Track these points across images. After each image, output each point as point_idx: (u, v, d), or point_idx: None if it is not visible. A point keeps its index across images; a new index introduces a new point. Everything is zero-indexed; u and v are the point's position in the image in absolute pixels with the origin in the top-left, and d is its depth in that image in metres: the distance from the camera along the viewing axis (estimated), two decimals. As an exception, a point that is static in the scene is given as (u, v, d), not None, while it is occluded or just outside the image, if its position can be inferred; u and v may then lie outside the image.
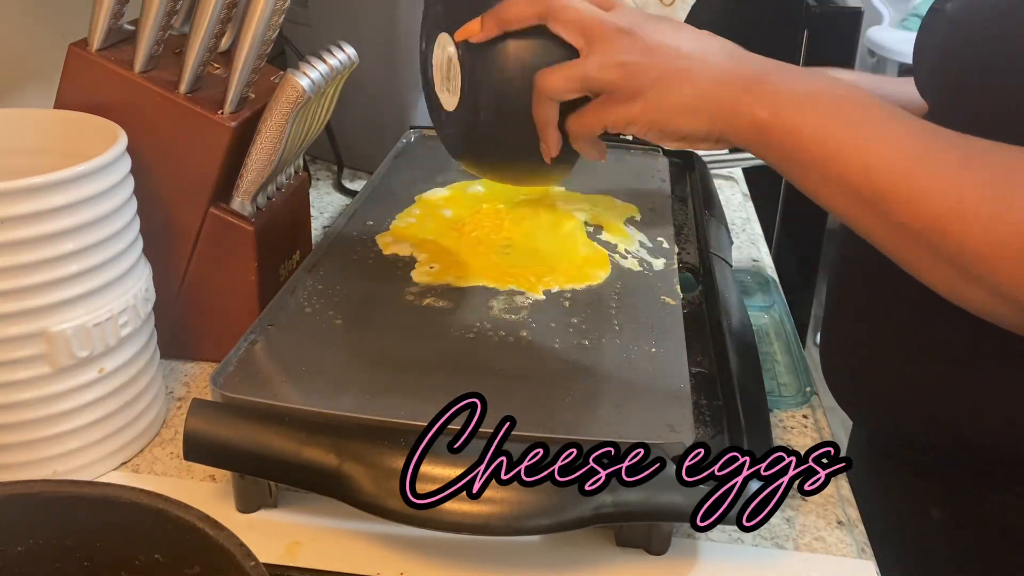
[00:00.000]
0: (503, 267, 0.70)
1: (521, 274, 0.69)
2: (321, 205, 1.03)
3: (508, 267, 0.70)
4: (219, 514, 0.39)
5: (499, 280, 0.68)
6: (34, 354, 0.53)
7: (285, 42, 1.07)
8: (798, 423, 0.67)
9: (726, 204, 0.96)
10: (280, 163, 0.67)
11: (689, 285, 0.73)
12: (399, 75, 1.04)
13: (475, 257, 0.71)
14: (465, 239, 0.74)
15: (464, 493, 0.49)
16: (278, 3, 0.62)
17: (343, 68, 0.69)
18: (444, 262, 0.70)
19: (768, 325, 0.79)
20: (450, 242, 0.73)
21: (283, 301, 0.65)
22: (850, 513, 0.59)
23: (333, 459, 0.51)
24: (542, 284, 0.68)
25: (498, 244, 0.73)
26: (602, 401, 0.56)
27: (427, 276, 0.69)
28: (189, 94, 0.64)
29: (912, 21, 3.39)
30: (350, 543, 0.54)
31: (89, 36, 0.64)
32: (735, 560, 0.54)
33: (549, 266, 0.70)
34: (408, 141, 0.99)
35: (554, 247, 0.73)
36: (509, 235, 0.74)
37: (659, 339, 0.62)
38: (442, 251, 0.72)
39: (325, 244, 0.73)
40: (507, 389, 0.57)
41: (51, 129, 0.61)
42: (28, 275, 0.52)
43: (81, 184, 0.53)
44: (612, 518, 0.50)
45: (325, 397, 0.55)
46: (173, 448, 0.63)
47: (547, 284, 0.68)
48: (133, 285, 0.58)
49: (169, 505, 0.39)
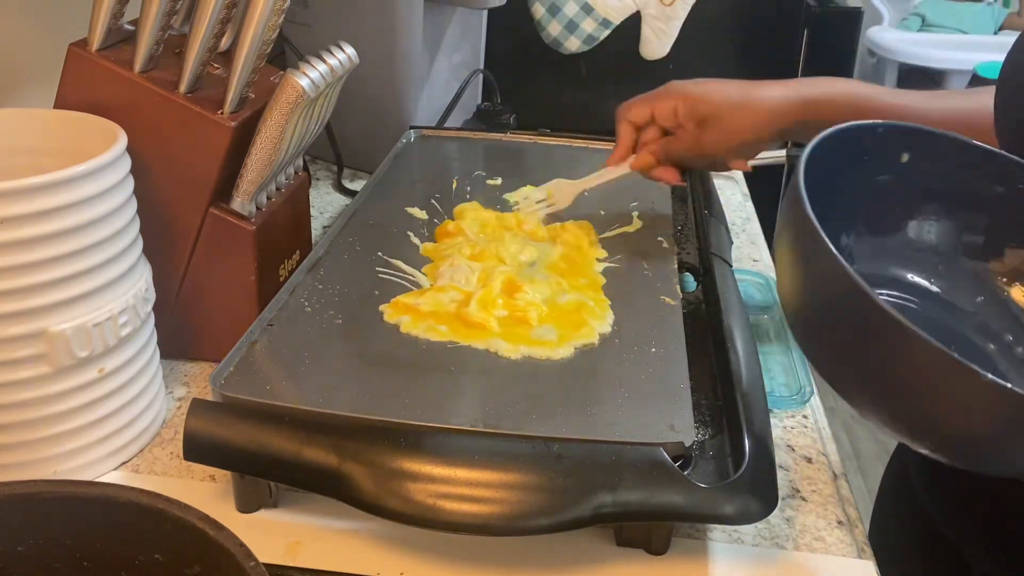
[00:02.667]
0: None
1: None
2: (321, 205, 1.03)
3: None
4: (219, 514, 0.39)
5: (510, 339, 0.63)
6: (34, 354, 0.53)
7: (285, 42, 1.07)
8: (798, 423, 0.67)
9: (726, 204, 0.96)
10: (280, 163, 0.67)
11: (689, 285, 0.74)
12: (399, 75, 1.04)
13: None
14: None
15: (464, 493, 0.49)
16: (278, 3, 0.62)
17: (343, 68, 0.69)
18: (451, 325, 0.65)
19: (768, 325, 0.79)
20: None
21: (283, 301, 0.65)
22: (850, 513, 0.58)
23: (333, 459, 0.51)
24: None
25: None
26: (602, 401, 0.56)
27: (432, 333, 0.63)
28: (189, 94, 0.64)
29: (912, 21, 3.39)
30: (350, 543, 0.54)
31: (89, 36, 0.64)
32: (735, 560, 0.54)
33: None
34: (408, 141, 0.99)
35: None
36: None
37: (659, 339, 0.62)
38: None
39: (325, 244, 0.73)
40: (507, 389, 0.57)
41: (51, 129, 0.61)
42: (28, 275, 0.52)
43: (81, 184, 0.53)
44: (612, 518, 0.50)
45: (325, 397, 0.55)
46: (173, 448, 0.63)
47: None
48: (133, 285, 0.58)
49: (169, 505, 0.39)
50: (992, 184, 0.56)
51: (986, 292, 0.58)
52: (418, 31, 1.02)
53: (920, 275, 0.60)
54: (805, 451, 0.64)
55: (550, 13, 1.50)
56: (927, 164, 0.57)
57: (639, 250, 0.75)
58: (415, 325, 0.63)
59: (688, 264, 0.75)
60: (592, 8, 1.50)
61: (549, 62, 1.48)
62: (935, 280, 0.60)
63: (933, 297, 0.59)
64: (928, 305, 0.59)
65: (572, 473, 0.50)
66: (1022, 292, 0.58)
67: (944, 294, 0.59)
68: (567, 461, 0.50)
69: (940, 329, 0.58)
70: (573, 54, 1.51)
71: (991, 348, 0.57)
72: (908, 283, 0.60)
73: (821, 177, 0.50)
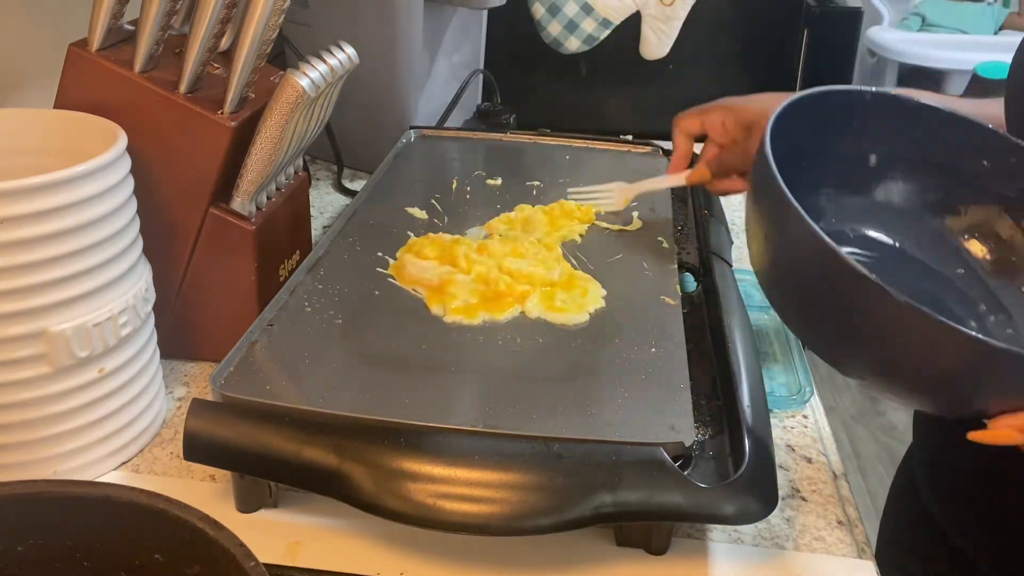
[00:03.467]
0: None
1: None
2: (321, 205, 1.03)
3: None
4: (219, 514, 0.39)
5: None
6: (34, 354, 0.53)
7: (285, 42, 1.07)
8: (798, 423, 0.67)
9: (726, 204, 0.95)
10: (280, 163, 0.67)
11: (689, 285, 0.74)
12: (399, 75, 1.04)
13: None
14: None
15: (464, 493, 0.49)
16: (278, 3, 0.62)
17: (343, 68, 0.69)
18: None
19: (768, 325, 0.79)
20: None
21: (283, 301, 0.65)
22: (850, 513, 0.59)
23: (333, 459, 0.51)
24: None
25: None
26: (602, 401, 0.56)
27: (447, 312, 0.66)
28: (189, 94, 0.64)
29: (913, 20, 3.39)
30: (350, 543, 0.54)
31: (89, 36, 0.64)
32: (735, 560, 0.54)
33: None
34: (408, 141, 0.99)
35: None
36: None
37: (659, 339, 0.62)
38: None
39: (325, 244, 0.73)
40: (508, 389, 0.57)
41: (51, 129, 0.61)
42: (28, 275, 0.52)
43: (81, 184, 0.53)
44: (612, 518, 0.50)
45: (325, 397, 0.55)
46: (173, 448, 0.63)
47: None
48: (133, 285, 0.58)
49: (169, 505, 0.39)
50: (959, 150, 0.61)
51: (950, 250, 0.62)
52: (418, 31, 1.02)
53: (884, 232, 0.64)
54: (805, 451, 0.64)
55: (550, 13, 1.50)
56: (891, 129, 0.61)
57: (639, 250, 0.75)
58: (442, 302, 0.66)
59: (688, 264, 0.75)
60: (592, 8, 1.50)
61: (549, 62, 1.48)
62: (898, 237, 0.64)
63: (898, 253, 0.64)
64: (895, 262, 0.63)
65: (572, 473, 0.50)
66: (978, 245, 0.62)
67: (909, 251, 0.63)
68: (567, 461, 0.50)
69: (901, 278, 0.62)
70: (573, 54, 1.51)
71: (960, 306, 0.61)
72: (873, 239, 0.64)
73: (792, 140, 0.53)
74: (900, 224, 0.64)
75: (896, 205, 0.64)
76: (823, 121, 0.59)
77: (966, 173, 0.61)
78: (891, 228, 0.64)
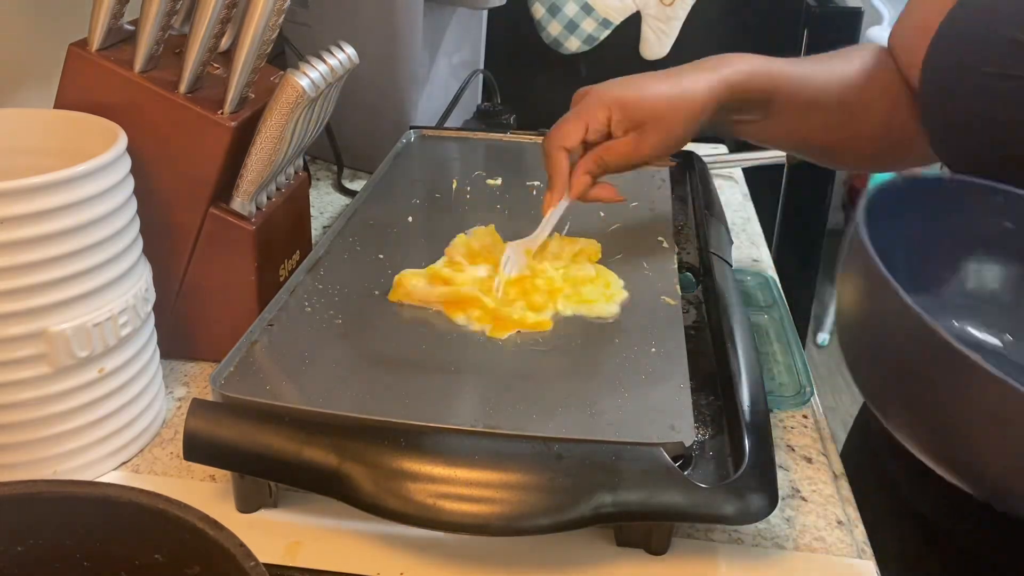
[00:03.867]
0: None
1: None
2: (321, 205, 1.03)
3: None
4: (219, 514, 0.39)
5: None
6: (34, 354, 0.53)
7: (285, 42, 1.07)
8: (798, 423, 0.67)
9: (726, 204, 0.96)
10: (280, 163, 0.67)
11: (689, 285, 0.73)
12: (399, 75, 1.04)
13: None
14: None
15: (464, 493, 0.49)
16: (278, 3, 0.62)
17: (343, 68, 0.69)
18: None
19: (768, 325, 0.79)
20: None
21: (283, 301, 0.65)
22: (850, 513, 0.59)
23: (333, 459, 0.51)
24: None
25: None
26: (602, 401, 0.56)
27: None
28: (189, 94, 0.64)
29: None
30: (350, 543, 0.54)
31: (89, 36, 0.64)
32: (735, 560, 0.54)
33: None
34: (408, 141, 0.99)
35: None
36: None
37: (659, 339, 0.62)
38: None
39: (325, 244, 0.73)
40: (507, 389, 0.57)
41: (51, 129, 0.61)
42: (28, 275, 0.52)
43: (81, 184, 0.53)
44: (612, 518, 0.50)
45: (325, 397, 0.55)
46: (173, 448, 0.63)
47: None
48: (133, 285, 0.58)
49: (169, 505, 0.39)
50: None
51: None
52: (418, 31, 1.02)
53: (979, 328, 0.60)
54: (805, 451, 0.64)
55: (550, 13, 1.50)
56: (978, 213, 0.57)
57: (639, 250, 0.75)
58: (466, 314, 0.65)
59: (688, 264, 0.75)
60: (592, 8, 1.50)
61: (549, 62, 1.48)
62: (996, 332, 0.60)
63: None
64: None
65: (572, 473, 0.50)
66: None
67: (1005, 349, 0.59)
68: (567, 461, 0.50)
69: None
70: (573, 54, 1.51)
71: None
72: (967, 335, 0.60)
73: (880, 227, 0.50)
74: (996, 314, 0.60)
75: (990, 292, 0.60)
76: (908, 206, 0.56)
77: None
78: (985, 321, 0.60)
